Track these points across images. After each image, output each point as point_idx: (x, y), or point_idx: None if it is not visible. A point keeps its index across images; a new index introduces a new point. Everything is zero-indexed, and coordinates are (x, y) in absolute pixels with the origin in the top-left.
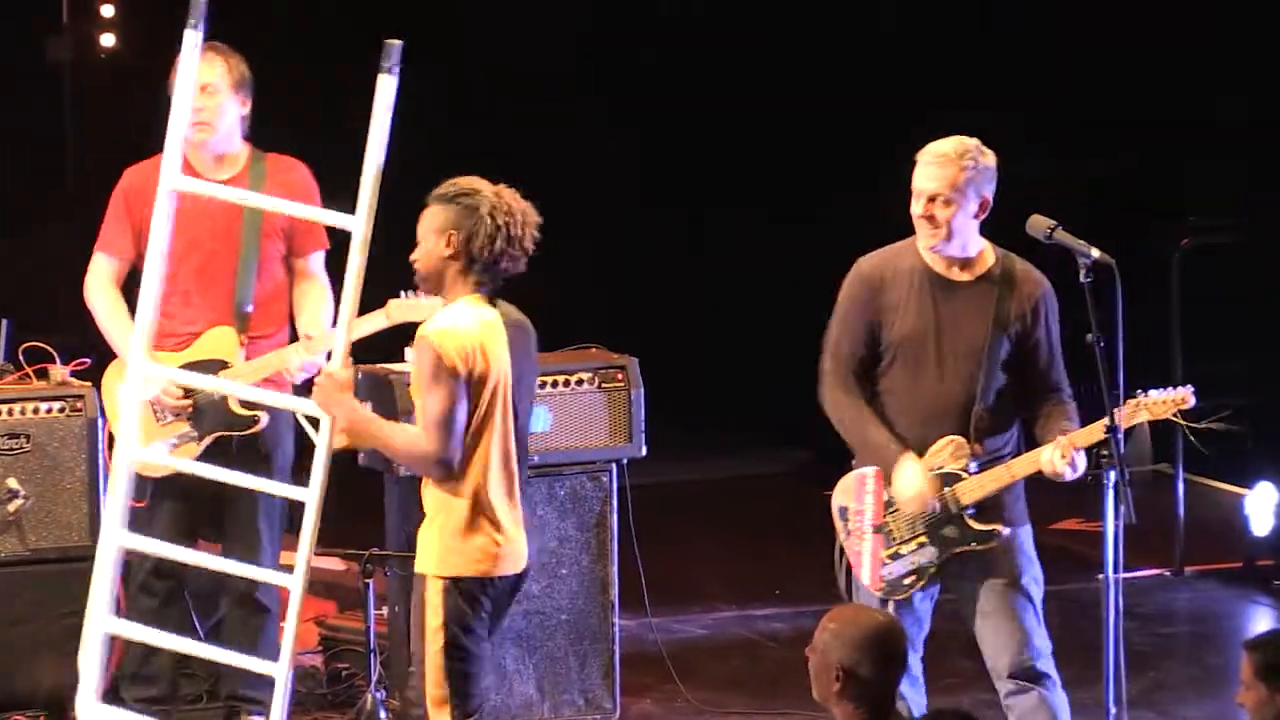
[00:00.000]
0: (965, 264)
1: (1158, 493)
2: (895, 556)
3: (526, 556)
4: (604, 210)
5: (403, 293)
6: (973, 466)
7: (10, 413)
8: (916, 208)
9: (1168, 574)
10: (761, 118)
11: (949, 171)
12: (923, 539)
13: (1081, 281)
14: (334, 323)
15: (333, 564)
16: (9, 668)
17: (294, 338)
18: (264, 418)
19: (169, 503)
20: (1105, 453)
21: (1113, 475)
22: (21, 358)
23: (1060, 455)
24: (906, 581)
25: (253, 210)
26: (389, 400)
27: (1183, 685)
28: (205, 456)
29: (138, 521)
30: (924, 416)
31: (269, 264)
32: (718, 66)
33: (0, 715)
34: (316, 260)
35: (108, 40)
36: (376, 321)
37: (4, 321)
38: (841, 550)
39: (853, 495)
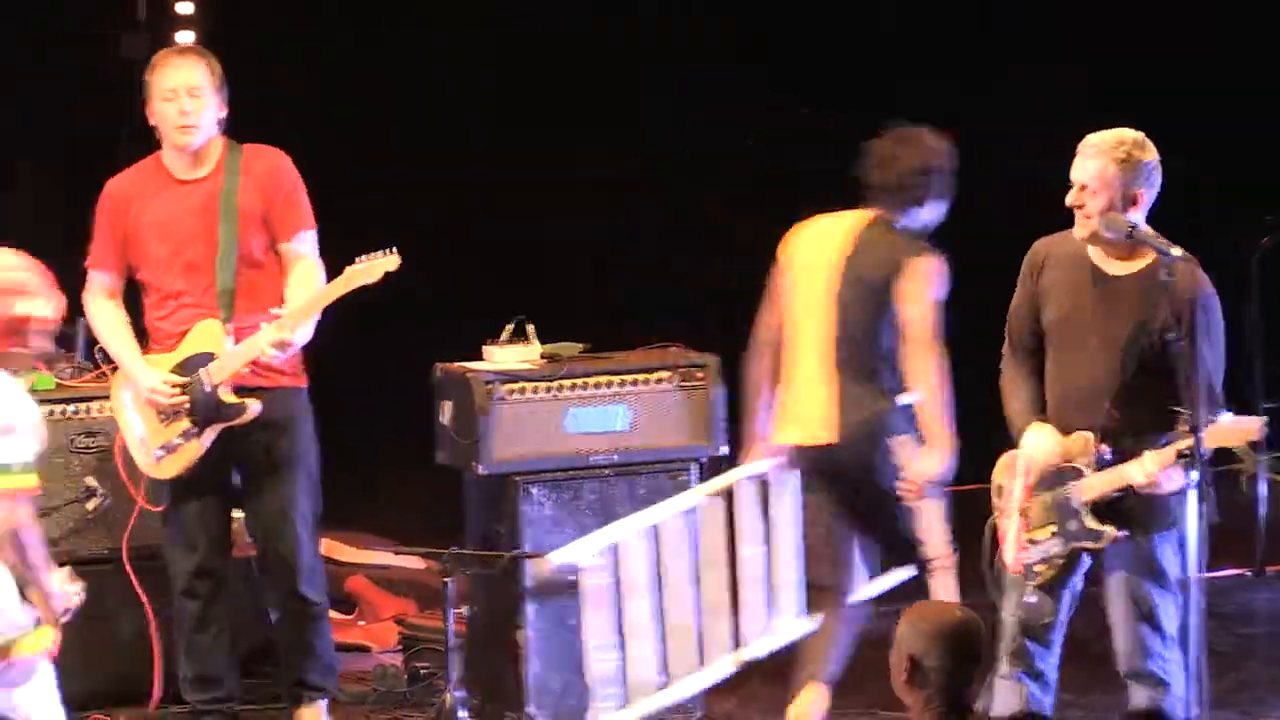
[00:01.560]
0: (1123, 256)
1: (1236, 491)
2: (1032, 542)
3: None
4: (685, 211)
5: (358, 258)
6: (1106, 456)
7: (88, 411)
8: (1068, 196)
9: (1248, 574)
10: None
11: (1099, 163)
12: (1054, 528)
13: (1161, 280)
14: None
15: (413, 562)
16: (92, 665)
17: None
18: (254, 404)
19: (187, 503)
20: (1187, 452)
21: (1194, 475)
22: (98, 356)
23: (1144, 469)
24: (1038, 569)
25: (227, 200)
26: (468, 399)
27: (1264, 686)
28: (221, 448)
29: (164, 524)
30: (1067, 404)
31: (251, 252)
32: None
33: (81, 714)
34: (302, 241)
35: (184, 37)
36: (338, 288)
37: (80, 320)
38: (994, 528)
39: (1007, 473)
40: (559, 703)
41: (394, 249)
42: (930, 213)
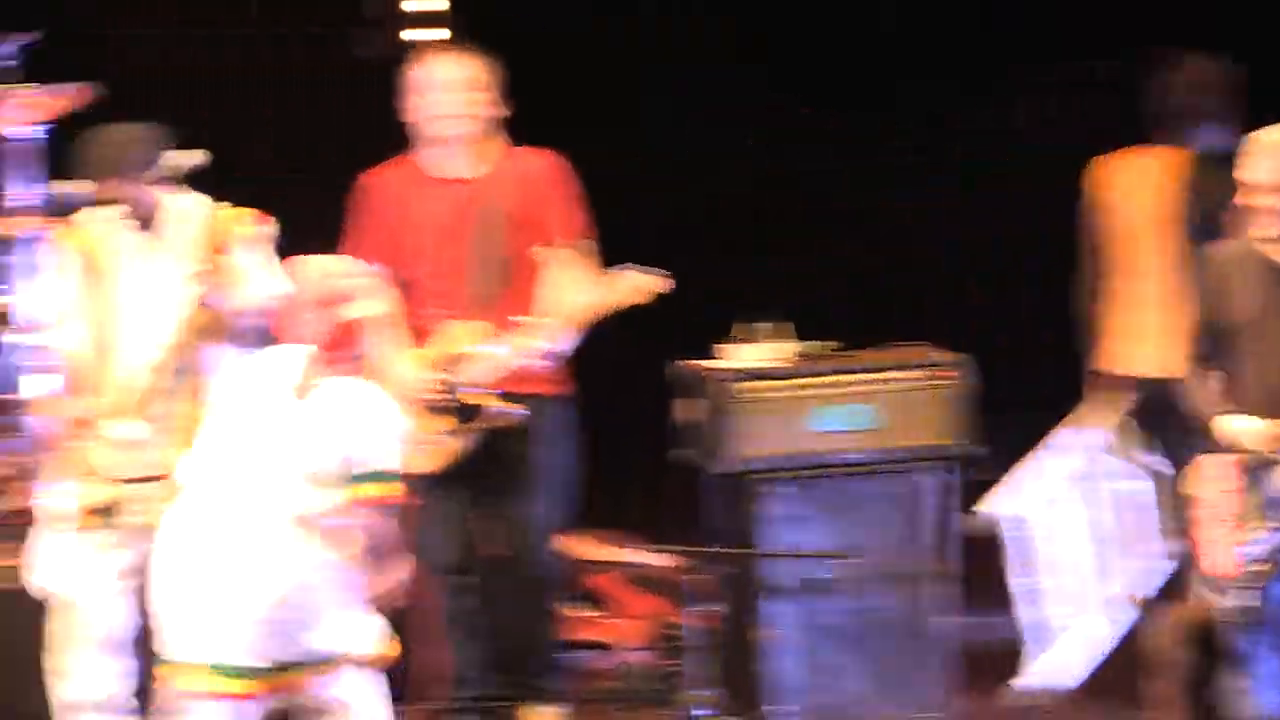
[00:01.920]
0: None
1: None
2: (1247, 543)
3: None
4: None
5: (629, 271)
6: None
7: None
8: (1245, 197)
9: None
10: None
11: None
12: (1265, 525)
13: None
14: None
15: (664, 560)
16: None
17: None
18: (515, 409)
19: (438, 501)
20: None
21: None
22: None
23: None
24: (1257, 568)
25: (491, 201)
26: (707, 396)
27: None
28: (476, 449)
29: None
30: (1258, 406)
31: (514, 255)
32: None
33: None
34: (570, 246)
35: (416, 35)
36: (607, 300)
37: None
38: (1188, 541)
39: (1204, 482)
40: (805, 701)
41: (664, 271)
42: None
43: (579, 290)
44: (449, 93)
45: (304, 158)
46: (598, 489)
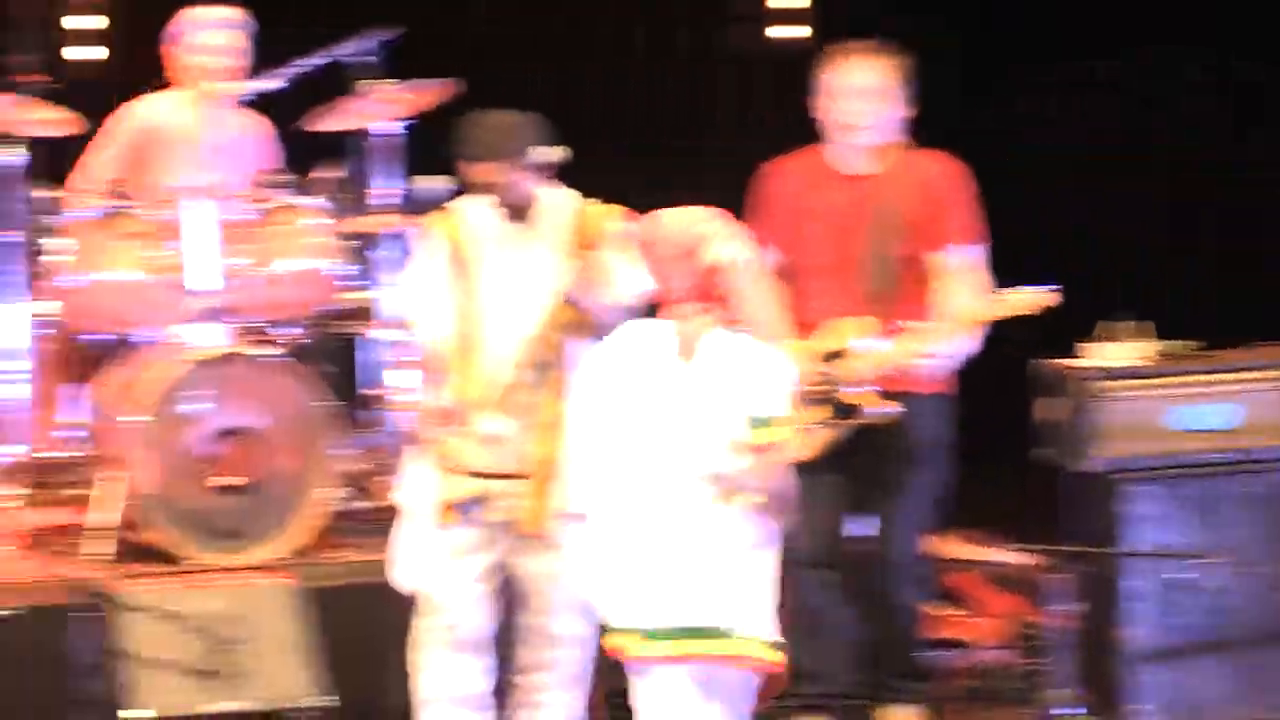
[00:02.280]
0: None
1: None
2: None
3: None
4: None
5: (1017, 288)
6: None
7: None
8: None
9: None
10: None
11: None
12: None
13: None
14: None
15: (1024, 559)
16: None
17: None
18: (893, 407)
19: (824, 479)
20: None
21: None
22: None
23: None
24: None
25: (889, 202)
26: (1070, 396)
27: None
28: (850, 444)
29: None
30: None
31: (906, 256)
32: None
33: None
34: (963, 252)
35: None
36: (996, 311)
37: None
38: None
39: None
40: (1165, 702)
41: (1055, 286)
42: None
43: (970, 298)
44: (861, 101)
45: (657, 146)
46: (959, 487)
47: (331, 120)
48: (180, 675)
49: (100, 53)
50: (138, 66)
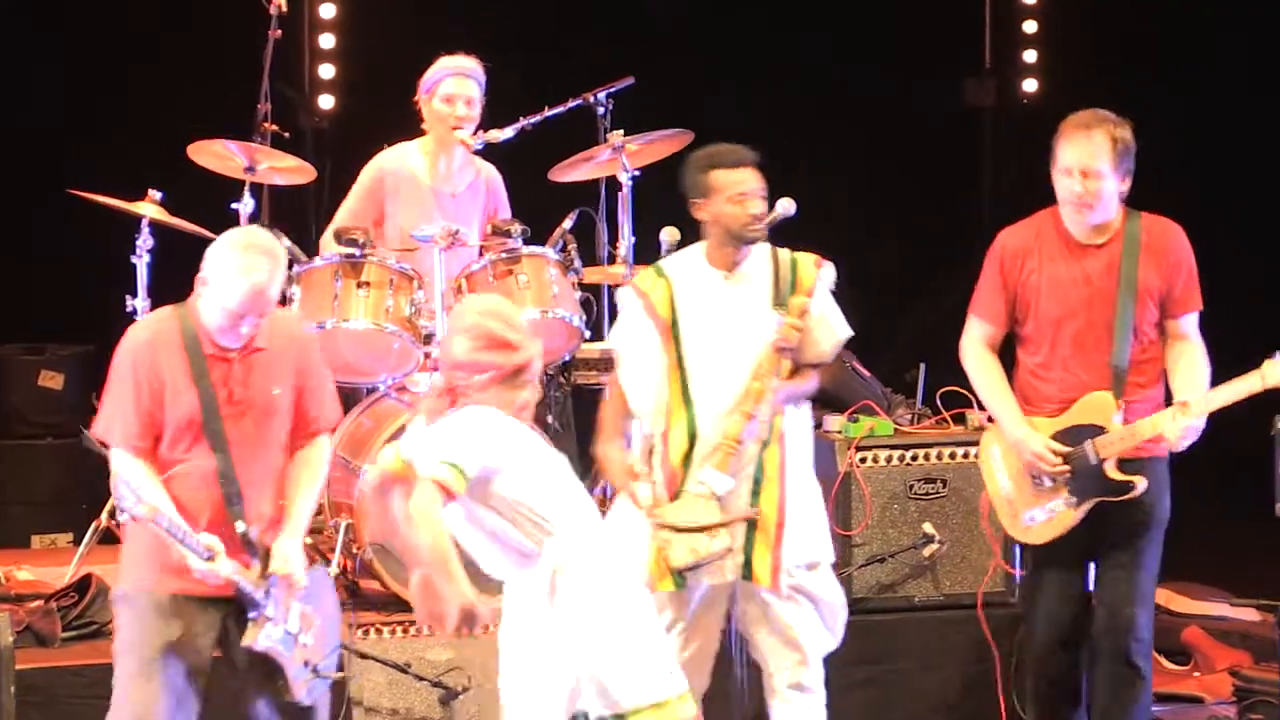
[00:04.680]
0: None
1: None
2: None
3: None
4: None
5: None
6: None
7: (927, 457)
8: None
9: None
10: None
11: None
12: None
13: None
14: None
15: (1248, 614)
16: (933, 709)
17: (1168, 402)
18: (1141, 483)
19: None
20: None
21: None
22: (939, 402)
23: None
24: None
25: (1127, 273)
26: None
27: None
28: (1084, 519)
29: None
30: None
31: (1143, 326)
32: None
33: None
34: (1189, 322)
35: (1029, 85)
36: (1250, 383)
37: (921, 366)
38: None
39: None
40: None
41: None
42: None
43: (1200, 368)
44: (1088, 180)
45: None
46: (1184, 541)
47: (572, 171)
48: None
49: (333, 102)
50: (375, 116)
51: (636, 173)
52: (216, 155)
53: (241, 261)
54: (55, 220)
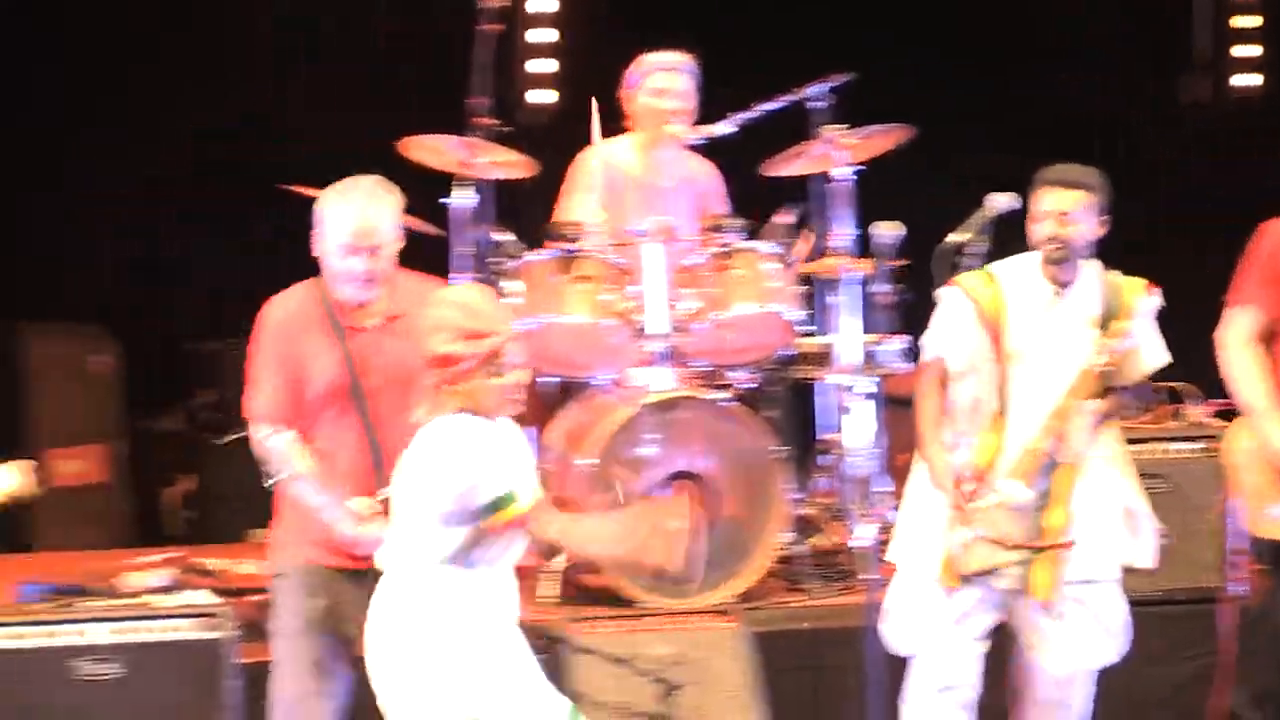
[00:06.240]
0: None
1: None
2: None
3: None
4: None
5: None
6: None
7: (1150, 452)
8: None
9: None
10: None
11: None
12: None
13: None
14: None
15: None
16: (1143, 711)
17: None
18: None
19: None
20: None
21: None
22: (1161, 396)
23: None
24: None
25: None
26: None
27: None
28: None
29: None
30: None
31: None
32: None
33: None
34: None
35: (1244, 81)
36: None
37: None
38: None
39: None
40: None
41: None
42: None
43: None
44: None
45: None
46: None
47: (787, 165)
48: (628, 718)
49: (551, 96)
50: (587, 111)
51: (854, 167)
52: (431, 150)
53: (340, 196)
54: (270, 218)
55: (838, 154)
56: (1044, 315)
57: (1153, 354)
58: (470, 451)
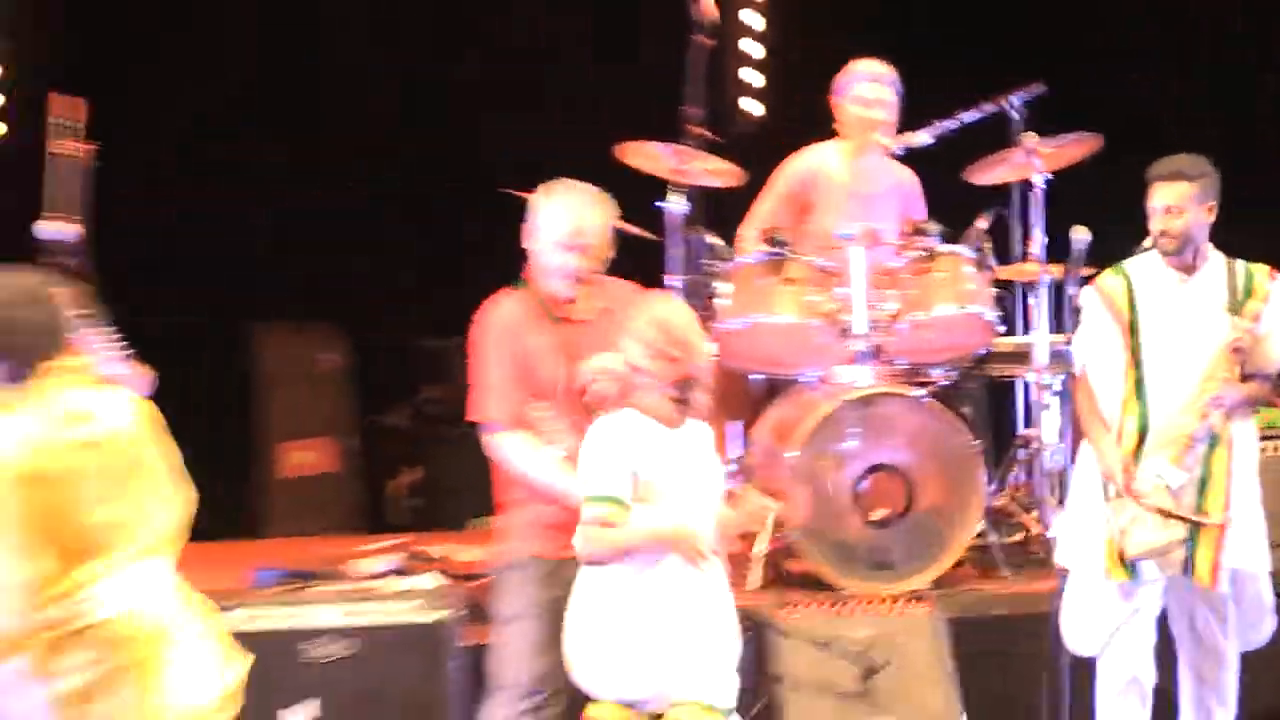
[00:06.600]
0: None
1: None
2: None
3: None
4: None
5: None
6: None
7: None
8: None
9: None
10: None
11: None
12: None
13: None
14: None
15: None
16: None
17: None
18: None
19: None
20: None
21: None
22: None
23: None
24: None
25: None
26: None
27: None
28: None
29: None
30: None
31: None
32: None
33: None
34: None
35: None
36: None
37: None
38: None
39: None
40: None
41: None
42: None
43: None
44: None
45: None
46: None
47: (987, 173)
48: (831, 698)
49: (759, 108)
50: (797, 119)
51: (1049, 175)
52: (646, 156)
53: (558, 196)
54: (477, 217)
55: (1037, 162)
56: (1173, 301)
57: None
58: (597, 449)
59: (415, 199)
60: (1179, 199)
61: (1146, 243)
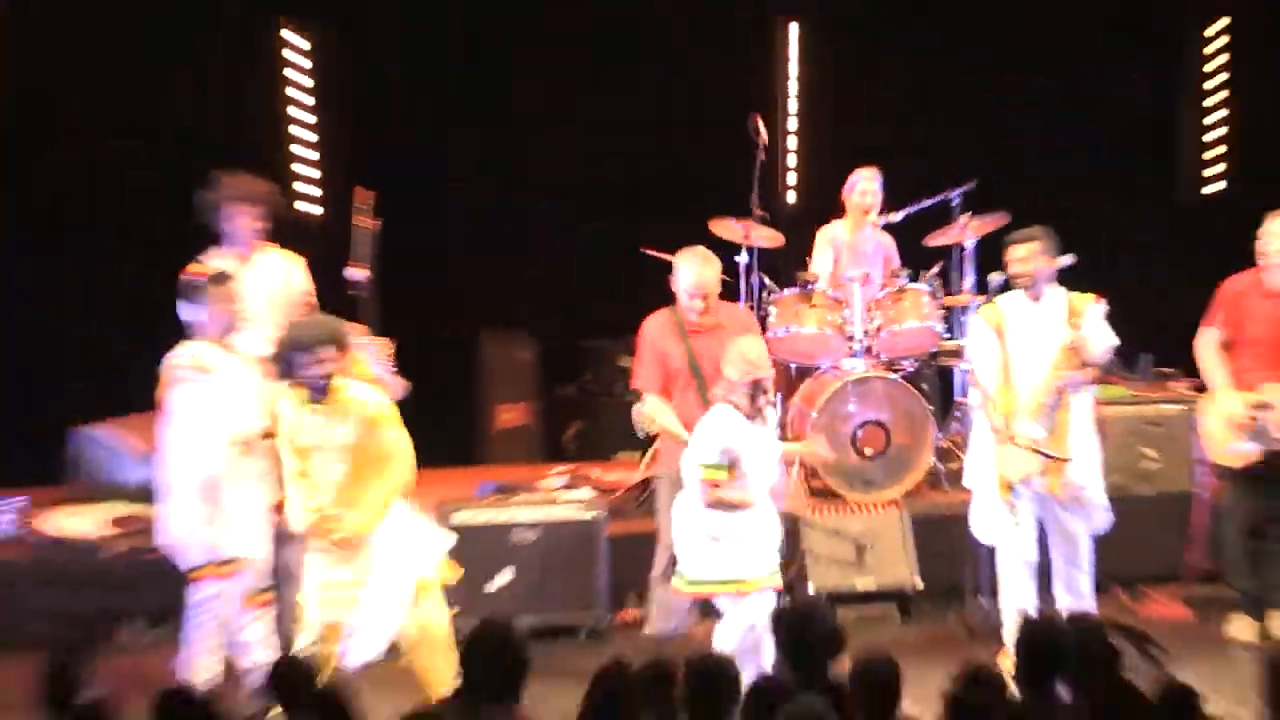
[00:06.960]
0: None
1: None
2: None
3: None
4: None
5: None
6: None
7: (1155, 409)
8: None
9: None
10: None
11: None
12: None
13: None
14: None
15: None
16: (1141, 560)
17: None
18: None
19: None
20: None
21: None
22: (1155, 375)
23: None
24: None
25: None
26: None
27: None
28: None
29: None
30: None
31: None
32: None
33: None
34: None
35: None
36: None
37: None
38: None
39: None
40: None
41: None
42: None
43: None
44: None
45: None
46: None
47: (937, 238)
48: (837, 566)
49: (794, 195)
50: (816, 206)
51: (976, 239)
52: (725, 227)
53: (688, 260)
54: (633, 265)
55: (968, 231)
56: (1028, 318)
57: (1102, 339)
58: (709, 431)
59: (595, 251)
60: (1029, 253)
61: (1016, 284)
